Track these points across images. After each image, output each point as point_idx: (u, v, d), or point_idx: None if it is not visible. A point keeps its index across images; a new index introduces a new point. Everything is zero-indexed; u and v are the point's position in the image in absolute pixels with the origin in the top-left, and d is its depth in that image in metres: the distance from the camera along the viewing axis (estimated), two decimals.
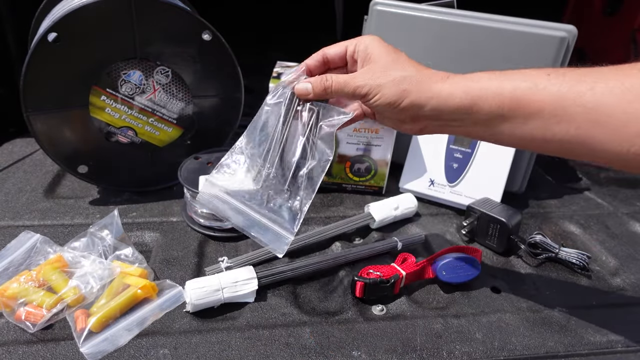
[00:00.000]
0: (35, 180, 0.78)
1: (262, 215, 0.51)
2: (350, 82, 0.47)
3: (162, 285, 0.55)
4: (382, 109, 0.46)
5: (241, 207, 0.51)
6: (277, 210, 0.50)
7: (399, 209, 0.71)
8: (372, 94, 0.45)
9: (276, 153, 0.50)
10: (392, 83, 0.45)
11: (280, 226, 0.50)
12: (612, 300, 0.59)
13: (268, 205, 0.50)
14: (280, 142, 0.50)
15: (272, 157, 0.50)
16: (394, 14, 0.77)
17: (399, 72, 0.45)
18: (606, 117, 0.37)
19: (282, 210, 0.50)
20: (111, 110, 0.69)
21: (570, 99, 0.38)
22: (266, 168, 0.51)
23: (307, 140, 0.50)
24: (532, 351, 0.51)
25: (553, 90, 0.39)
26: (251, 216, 0.51)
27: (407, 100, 0.44)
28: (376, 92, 0.45)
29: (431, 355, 0.49)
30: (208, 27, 0.68)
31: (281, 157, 0.50)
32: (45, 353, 0.47)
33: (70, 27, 0.62)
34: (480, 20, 0.73)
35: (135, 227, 0.67)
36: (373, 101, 0.46)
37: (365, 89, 0.46)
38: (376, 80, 0.45)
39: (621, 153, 0.37)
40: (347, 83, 0.47)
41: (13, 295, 0.51)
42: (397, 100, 0.44)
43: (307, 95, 0.49)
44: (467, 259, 0.59)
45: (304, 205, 0.50)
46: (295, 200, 0.50)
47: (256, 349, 0.49)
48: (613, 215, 0.79)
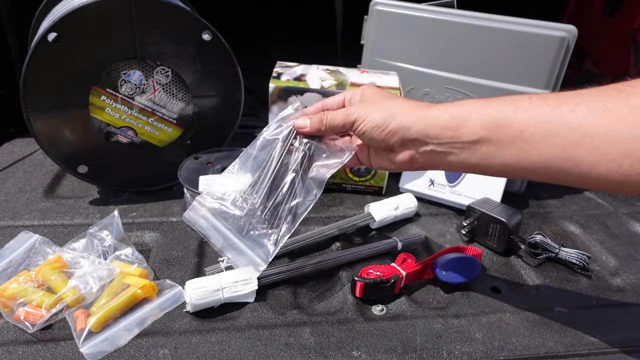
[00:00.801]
0: (35, 180, 0.78)
1: (241, 240, 0.53)
2: (341, 112, 0.50)
3: (162, 285, 0.55)
4: (371, 133, 0.48)
5: (223, 229, 0.54)
6: (255, 238, 0.53)
7: (399, 209, 0.71)
8: (361, 118, 0.48)
9: (265, 184, 0.53)
10: (380, 108, 0.47)
11: (256, 254, 0.53)
12: (612, 300, 0.59)
13: (248, 233, 0.53)
14: (271, 175, 0.53)
15: (260, 187, 0.53)
16: (394, 14, 0.77)
17: (388, 102, 0.48)
18: (590, 138, 0.37)
19: (261, 239, 0.53)
20: (111, 110, 0.69)
21: (554, 120, 0.38)
22: (252, 197, 0.53)
23: (297, 176, 0.52)
24: (532, 351, 0.51)
25: (535, 111, 0.39)
26: (230, 239, 0.53)
27: (394, 123, 0.46)
28: (365, 116, 0.48)
29: (431, 355, 0.49)
30: (208, 27, 0.69)
31: (269, 189, 0.53)
32: (45, 353, 0.47)
33: (70, 27, 0.62)
34: (480, 20, 0.73)
35: (135, 227, 0.67)
36: (362, 126, 0.48)
37: (354, 115, 0.49)
38: (366, 109, 0.48)
39: (610, 174, 0.37)
40: (339, 113, 0.50)
41: (12, 295, 0.51)
42: (384, 122, 0.46)
43: (303, 129, 0.53)
44: (467, 259, 0.59)
45: (281, 238, 0.52)
46: (274, 232, 0.52)
47: (256, 349, 0.49)
48: (613, 215, 0.79)
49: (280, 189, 0.52)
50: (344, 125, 0.50)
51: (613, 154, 0.36)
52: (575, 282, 0.63)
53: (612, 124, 0.36)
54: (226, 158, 0.72)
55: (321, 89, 0.73)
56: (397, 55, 0.80)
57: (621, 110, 0.36)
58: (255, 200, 0.53)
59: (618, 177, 0.37)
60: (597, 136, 0.36)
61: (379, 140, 0.47)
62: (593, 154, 0.37)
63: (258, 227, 0.53)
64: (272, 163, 0.53)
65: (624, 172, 0.36)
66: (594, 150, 0.37)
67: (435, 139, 0.44)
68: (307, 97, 0.73)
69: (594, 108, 0.37)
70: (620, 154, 0.36)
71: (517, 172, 0.42)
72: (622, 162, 0.36)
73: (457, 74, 0.77)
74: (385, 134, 0.47)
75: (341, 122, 0.50)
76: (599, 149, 0.37)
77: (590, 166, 0.37)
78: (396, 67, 0.80)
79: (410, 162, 0.48)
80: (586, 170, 0.38)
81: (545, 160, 0.39)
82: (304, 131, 0.53)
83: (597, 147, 0.37)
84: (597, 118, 0.37)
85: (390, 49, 0.80)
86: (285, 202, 0.52)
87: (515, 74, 0.74)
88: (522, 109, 0.40)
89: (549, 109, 0.39)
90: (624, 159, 0.36)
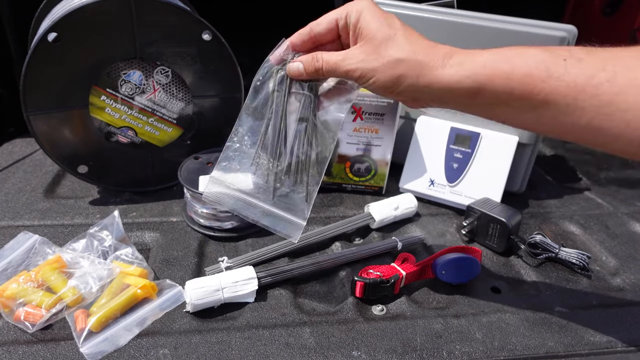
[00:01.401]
0: (35, 180, 0.78)
1: (272, 205, 0.50)
2: (341, 65, 0.44)
3: (162, 285, 0.55)
4: (379, 92, 0.44)
5: (249, 199, 0.50)
6: (285, 199, 0.49)
7: (399, 209, 0.71)
8: (366, 77, 0.43)
9: (275, 142, 0.49)
10: (386, 67, 0.41)
11: (291, 213, 0.49)
12: (612, 300, 0.59)
13: (276, 195, 0.50)
14: (279, 131, 0.48)
15: (272, 147, 0.49)
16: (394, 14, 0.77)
17: (394, 53, 0.41)
18: (621, 112, 0.35)
19: (291, 198, 0.49)
20: (111, 110, 0.69)
21: (587, 90, 0.36)
22: (268, 160, 0.49)
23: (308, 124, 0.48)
24: (532, 351, 0.51)
25: (568, 80, 0.36)
26: (260, 207, 0.50)
27: (403, 86, 0.42)
28: (370, 76, 0.42)
29: (431, 355, 0.49)
30: (208, 27, 0.68)
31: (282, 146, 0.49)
32: (45, 353, 0.47)
33: (70, 27, 0.62)
34: (480, 20, 0.73)
35: (135, 227, 0.67)
36: (368, 84, 0.43)
37: (358, 73, 0.43)
38: (369, 64, 0.42)
39: (631, 145, 0.36)
40: (338, 65, 0.44)
41: (12, 295, 0.51)
42: (392, 85, 0.42)
43: (299, 76, 0.47)
44: (467, 259, 0.59)
45: (312, 192, 0.49)
46: (302, 186, 0.49)
47: (256, 349, 0.49)
48: (613, 215, 0.79)
49: (294, 143, 0.49)
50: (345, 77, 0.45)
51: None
52: (575, 282, 0.63)
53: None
54: None
55: None
56: None
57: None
58: (272, 162, 0.49)
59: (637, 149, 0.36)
60: (630, 111, 0.35)
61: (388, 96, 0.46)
62: (619, 127, 0.36)
63: (284, 188, 0.49)
64: (276, 117, 0.48)
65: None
66: (621, 124, 0.35)
67: (451, 100, 0.42)
68: None
69: (633, 79, 0.35)
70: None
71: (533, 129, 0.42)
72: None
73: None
74: (394, 95, 0.43)
75: (341, 75, 0.44)
76: (628, 123, 0.35)
77: (613, 137, 0.36)
78: None
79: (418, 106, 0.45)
80: (608, 141, 0.37)
81: (567, 129, 0.38)
82: (300, 78, 0.47)
83: (626, 121, 0.35)
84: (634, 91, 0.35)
85: None
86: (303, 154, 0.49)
87: None
88: (554, 75, 0.36)
89: (585, 77, 0.36)
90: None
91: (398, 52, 0.41)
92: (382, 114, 0.74)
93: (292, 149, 0.49)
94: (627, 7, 1.34)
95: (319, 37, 0.47)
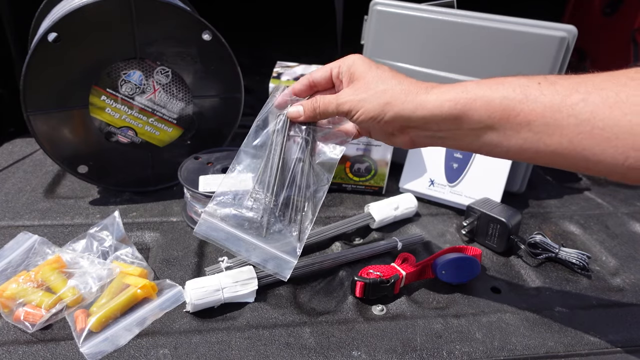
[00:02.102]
0: (35, 180, 0.78)
1: (263, 241, 0.50)
2: (333, 101, 0.47)
3: (162, 285, 0.55)
4: (367, 124, 0.46)
5: (241, 234, 0.51)
6: (277, 237, 0.50)
7: (399, 209, 0.71)
8: (355, 109, 0.46)
9: (273, 179, 0.50)
10: (373, 96, 0.44)
11: (283, 250, 0.50)
12: (612, 300, 0.59)
13: (268, 232, 0.51)
14: (276, 168, 0.50)
15: (268, 183, 0.51)
16: (394, 14, 0.77)
17: (380, 86, 0.45)
18: (600, 130, 0.36)
19: (283, 235, 0.50)
20: (111, 110, 0.69)
21: (563, 110, 0.37)
22: (264, 195, 0.51)
23: (304, 164, 0.50)
24: (532, 351, 0.51)
25: (544, 100, 0.38)
26: (252, 244, 0.50)
27: (390, 113, 0.44)
28: (358, 107, 0.45)
29: (431, 355, 0.49)
30: (208, 27, 0.69)
31: (279, 183, 0.51)
32: (45, 353, 0.47)
33: (70, 27, 0.62)
34: (480, 20, 0.73)
35: (135, 227, 0.67)
36: (356, 117, 0.46)
37: (347, 106, 0.46)
38: (357, 96, 0.45)
39: (616, 165, 0.36)
40: (331, 102, 0.48)
41: (11, 295, 0.51)
42: (379, 114, 0.44)
43: (298, 118, 0.51)
44: (467, 259, 0.59)
45: (304, 230, 0.50)
46: (295, 225, 0.50)
47: (256, 349, 0.49)
48: (613, 215, 0.79)
49: (289, 181, 0.50)
50: (338, 114, 0.48)
51: (622, 146, 0.35)
52: (575, 282, 0.63)
53: (624, 116, 0.35)
54: (226, 158, 0.72)
55: None
56: (397, 55, 0.80)
57: (634, 101, 0.35)
58: (267, 198, 0.50)
59: (623, 169, 0.36)
60: (607, 128, 0.36)
61: (377, 128, 0.46)
62: (601, 145, 0.36)
63: (277, 225, 0.51)
64: (274, 156, 0.51)
65: (630, 164, 0.36)
66: (602, 142, 0.36)
67: (436, 125, 0.43)
68: None
69: (606, 98, 0.36)
70: (630, 147, 0.35)
71: (520, 158, 0.41)
72: (630, 154, 0.35)
73: (457, 74, 0.77)
74: (382, 124, 0.45)
75: (334, 112, 0.48)
76: (608, 141, 0.36)
77: (596, 157, 0.37)
78: (396, 67, 0.80)
79: (411, 143, 0.46)
80: (592, 160, 0.37)
81: (551, 150, 0.38)
82: (298, 120, 0.51)
83: (606, 138, 0.36)
84: (609, 109, 0.36)
85: (390, 49, 0.80)
86: (298, 193, 0.50)
87: (515, 74, 0.74)
88: (530, 98, 0.38)
89: (560, 97, 0.37)
90: (632, 152, 0.35)
91: (384, 84, 0.45)
92: None
93: (288, 188, 0.50)
94: (627, 7, 1.34)
95: (316, 84, 0.51)
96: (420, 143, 0.46)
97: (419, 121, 0.43)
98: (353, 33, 0.90)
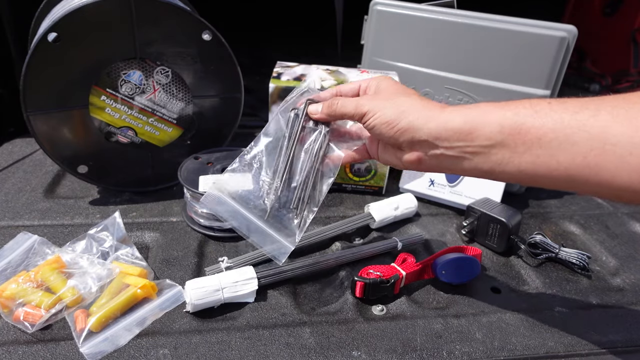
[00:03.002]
0: (35, 180, 0.78)
1: (265, 223, 0.52)
2: (353, 101, 0.49)
3: (162, 285, 0.55)
4: (380, 129, 0.46)
5: (245, 213, 0.52)
6: (280, 221, 0.52)
7: (399, 209, 0.71)
8: (372, 111, 0.47)
9: (284, 168, 0.52)
10: (392, 104, 0.46)
11: (282, 235, 0.51)
12: (612, 300, 0.59)
13: (272, 215, 0.52)
14: (288, 158, 0.52)
15: (279, 171, 0.52)
16: (394, 14, 0.77)
17: (401, 97, 0.47)
18: (612, 146, 0.35)
19: (285, 220, 0.52)
20: (111, 110, 0.69)
21: (574, 125, 0.37)
22: (274, 181, 0.52)
23: (316, 159, 0.52)
24: (532, 351, 0.51)
25: (555, 117, 0.38)
26: (254, 223, 0.52)
27: (404, 121, 0.44)
28: (376, 110, 0.46)
29: (431, 355, 0.49)
30: (208, 27, 0.69)
31: (289, 173, 0.52)
32: (45, 353, 0.47)
33: (70, 27, 0.62)
34: (480, 20, 0.73)
35: (135, 227, 0.67)
36: (372, 120, 0.47)
37: (366, 108, 0.47)
38: (378, 102, 0.47)
39: (632, 184, 0.35)
40: (351, 102, 0.49)
41: (11, 295, 0.51)
42: (394, 119, 0.45)
43: (315, 114, 0.52)
44: (467, 259, 0.59)
45: (305, 222, 0.51)
46: (298, 213, 0.51)
47: (256, 349, 0.49)
48: (613, 215, 0.79)
49: (300, 172, 0.52)
50: (354, 114, 0.48)
51: (636, 163, 0.35)
52: (575, 282, 0.63)
53: (636, 132, 0.34)
54: (226, 158, 0.72)
55: (321, 89, 0.73)
56: (397, 55, 0.80)
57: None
58: (275, 182, 0.52)
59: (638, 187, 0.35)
60: (620, 144, 0.35)
61: (388, 136, 0.46)
62: (614, 162, 0.35)
63: (282, 210, 0.52)
64: (288, 145, 0.52)
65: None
66: (615, 159, 0.35)
67: (446, 141, 0.43)
68: None
69: (617, 115, 0.35)
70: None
71: (534, 179, 0.40)
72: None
73: (457, 74, 0.77)
74: (394, 131, 0.45)
75: (352, 111, 0.48)
76: (621, 158, 0.35)
77: (610, 175, 0.36)
78: (396, 67, 0.80)
79: (417, 162, 0.46)
80: (606, 180, 0.36)
81: (564, 168, 0.38)
82: (315, 117, 0.53)
83: (619, 155, 0.35)
84: (620, 125, 0.35)
85: (390, 49, 0.80)
86: (305, 185, 0.52)
87: (515, 74, 0.74)
88: (541, 113, 0.38)
89: (569, 114, 0.37)
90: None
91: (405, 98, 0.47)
92: None
93: (295, 176, 0.52)
94: (627, 7, 1.34)
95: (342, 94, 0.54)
96: (428, 164, 0.46)
97: (430, 134, 0.43)
98: (353, 33, 0.90)
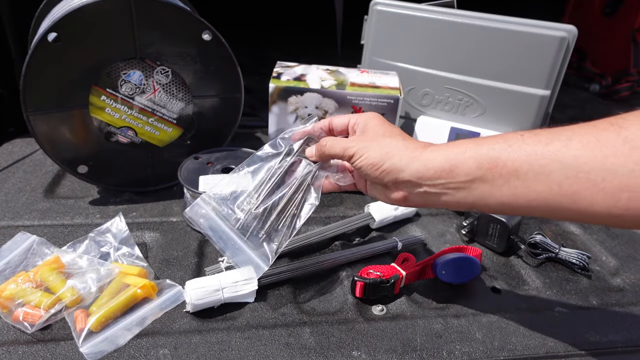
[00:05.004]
0: (35, 180, 0.78)
1: (242, 241, 0.54)
2: (342, 143, 0.51)
3: (162, 285, 0.55)
4: (366, 170, 0.48)
5: (225, 229, 0.54)
6: (257, 242, 0.54)
7: (399, 209, 0.71)
8: (359, 153, 0.49)
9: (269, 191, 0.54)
10: (377, 145, 0.48)
11: (257, 254, 0.53)
12: (612, 300, 0.59)
13: (251, 235, 0.54)
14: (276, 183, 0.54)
15: (263, 193, 0.54)
16: (394, 14, 0.77)
17: (386, 139, 0.48)
18: (585, 173, 0.36)
19: (262, 242, 0.54)
20: (111, 110, 0.69)
21: (547, 156, 0.38)
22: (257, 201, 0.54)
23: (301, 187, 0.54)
24: (532, 351, 0.51)
25: (528, 149, 0.39)
26: (232, 239, 0.54)
27: (388, 163, 0.46)
28: (362, 151, 0.48)
29: (431, 355, 0.49)
30: (208, 27, 0.69)
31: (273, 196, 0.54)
32: (45, 353, 0.47)
33: (70, 27, 0.62)
34: (480, 20, 0.73)
35: (135, 227, 0.67)
36: (359, 161, 0.48)
37: (353, 150, 0.49)
38: (365, 144, 0.49)
39: (609, 209, 0.36)
40: (339, 143, 0.51)
41: (10, 296, 0.51)
42: (379, 161, 0.47)
43: (310, 157, 0.56)
44: (467, 259, 0.59)
45: (280, 246, 0.53)
46: (276, 236, 0.54)
47: (256, 349, 0.49)
48: None
49: (282, 198, 0.54)
50: (342, 156, 0.51)
51: (609, 188, 0.36)
52: (575, 282, 0.63)
53: (606, 158, 0.35)
54: (226, 158, 0.72)
55: (321, 89, 0.73)
56: (397, 55, 0.80)
57: (614, 143, 0.35)
58: (259, 205, 0.54)
59: (617, 212, 0.36)
60: (592, 171, 0.36)
61: (374, 177, 0.48)
62: (589, 189, 0.36)
63: (260, 232, 0.54)
64: (277, 170, 0.55)
65: (622, 206, 0.35)
66: (590, 186, 0.36)
67: (429, 180, 0.44)
68: (307, 97, 0.73)
69: (586, 142, 0.37)
70: (617, 189, 0.35)
71: (516, 209, 0.42)
72: (620, 196, 0.35)
73: (457, 74, 0.77)
74: (379, 172, 0.47)
75: (340, 153, 0.51)
76: (595, 184, 0.36)
77: (587, 202, 0.37)
78: (396, 67, 0.80)
79: (404, 200, 0.48)
80: (584, 206, 0.37)
81: (543, 198, 0.39)
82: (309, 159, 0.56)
83: (592, 182, 0.36)
84: (591, 152, 0.36)
85: (390, 49, 0.80)
86: (286, 210, 0.54)
87: (515, 74, 0.74)
88: (514, 146, 0.40)
89: (542, 145, 0.39)
90: (621, 194, 0.35)
91: (390, 139, 0.49)
92: (382, 113, 0.73)
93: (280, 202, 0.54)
94: (627, 7, 1.34)
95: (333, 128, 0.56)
96: (414, 201, 0.47)
97: (413, 174, 0.45)
98: (353, 33, 0.90)
